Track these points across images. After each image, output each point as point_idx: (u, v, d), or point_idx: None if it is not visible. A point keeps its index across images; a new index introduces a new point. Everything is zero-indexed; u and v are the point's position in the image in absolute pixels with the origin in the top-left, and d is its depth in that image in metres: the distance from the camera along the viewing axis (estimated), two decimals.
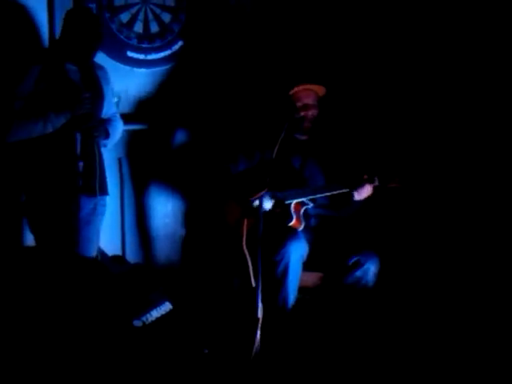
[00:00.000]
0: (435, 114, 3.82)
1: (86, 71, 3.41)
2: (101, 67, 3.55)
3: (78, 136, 3.32)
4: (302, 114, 3.61)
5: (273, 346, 3.12)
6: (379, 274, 3.42)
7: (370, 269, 3.38)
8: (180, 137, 4.13)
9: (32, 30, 3.77)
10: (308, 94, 3.65)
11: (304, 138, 3.68)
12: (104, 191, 3.48)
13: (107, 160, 3.61)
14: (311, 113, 3.63)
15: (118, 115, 3.69)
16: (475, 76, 3.68)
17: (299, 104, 3.62)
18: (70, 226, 3.31)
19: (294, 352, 3.18)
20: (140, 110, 4.08)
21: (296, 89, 3.64)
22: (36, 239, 3.38)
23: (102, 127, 3.45)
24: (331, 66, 4.05)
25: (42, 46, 3.77)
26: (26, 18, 3.76)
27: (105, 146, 3.54)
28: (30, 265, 2.81)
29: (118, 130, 3.63)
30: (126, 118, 3.89)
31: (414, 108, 3.89)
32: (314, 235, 3.54)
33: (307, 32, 4.09)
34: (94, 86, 3.44)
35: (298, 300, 3.37)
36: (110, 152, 3.78)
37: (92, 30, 3.34)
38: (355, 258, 3.39)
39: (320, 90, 3.67)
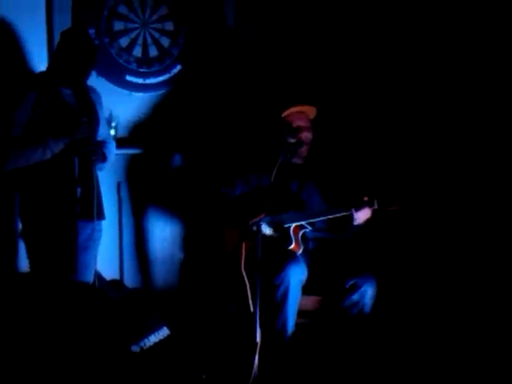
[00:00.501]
0: (435, 137, 3.81)
1: (81, 94, 3.40)
2: (94, 90, 3.54)
3: (76, 161, 3.33)
4: (297, 136, 3.62)
5: (271, 371, 3.10)
6: (377, 297, 3.40)
7: (368, 292, 3.36)
8: (178, 161, 4.14)
9: (31, 55, 3.79)
10: (300, 116, 3.66)
11: (300, 162, 3.69)
12: (101, 216, 3.47)
13: (106, 184, 3.62)
14: (305, 135, 3.62)
15: (111, 137, 3.69)
16: (471, 97, 3.69)
17: (293, 127, 3.62)
18: (68, 251, 3.29)
19: (293, 377, 3.16)
20: (138, 134, 4.09)
21: (288, 111, 3.66)
22: (32, 265, 3.34)
23: (99, 150, 3.43)
24: (328, 87, 4.07)
25: (41, 70, 3.78)
26: (24, 43, 3.78)
27: (101, 169, 3.54)
28: (26, 291, 2.81)
29: (113, 152, 3.63)
30: (125, 142, 3.91)
31: (413, 130, 3.89)
32: (311, 259, 3.53)
33: (303, 56, 4.12)
34: (89, 110, 3.44)
35: (296, 324, 3.35)
36: (109, 176, 3.79)
37: (84, 46, 3.32)
38: (352, 281, 3.37)
39: (311, 111, 3.68)
